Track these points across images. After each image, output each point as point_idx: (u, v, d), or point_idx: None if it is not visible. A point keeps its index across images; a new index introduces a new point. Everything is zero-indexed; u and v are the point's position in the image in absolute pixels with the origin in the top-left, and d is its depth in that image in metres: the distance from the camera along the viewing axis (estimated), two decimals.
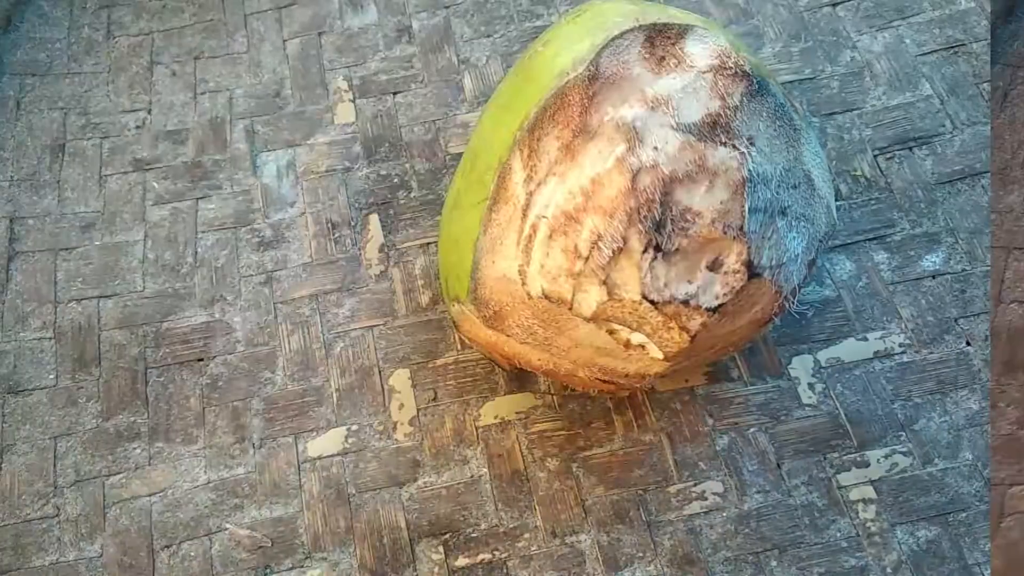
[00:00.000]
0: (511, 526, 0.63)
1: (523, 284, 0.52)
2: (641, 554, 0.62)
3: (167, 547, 0.64)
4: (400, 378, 0.68)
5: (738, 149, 0.51)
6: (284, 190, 0.74)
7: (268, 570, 0.63)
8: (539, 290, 0.52)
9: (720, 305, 0.51)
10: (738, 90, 0.52)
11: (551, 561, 0.62)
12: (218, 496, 0.65)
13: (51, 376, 0.70)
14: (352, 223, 0.72)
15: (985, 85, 0.78)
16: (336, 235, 0.72)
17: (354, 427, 0.67)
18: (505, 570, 0.62)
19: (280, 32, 0.83)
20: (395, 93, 0.79)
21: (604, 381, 0.57)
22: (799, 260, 0.53)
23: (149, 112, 0.80)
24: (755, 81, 0.52)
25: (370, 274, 0.71)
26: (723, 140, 0.51)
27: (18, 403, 0.69)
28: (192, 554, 0.64)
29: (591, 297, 0.51)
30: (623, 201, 0.50)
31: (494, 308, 0.55)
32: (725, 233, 0.50)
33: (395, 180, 0.74)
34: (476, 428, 0.67)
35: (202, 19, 0.85)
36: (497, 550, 0.63)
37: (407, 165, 0.75)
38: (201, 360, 0.70)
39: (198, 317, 0.71)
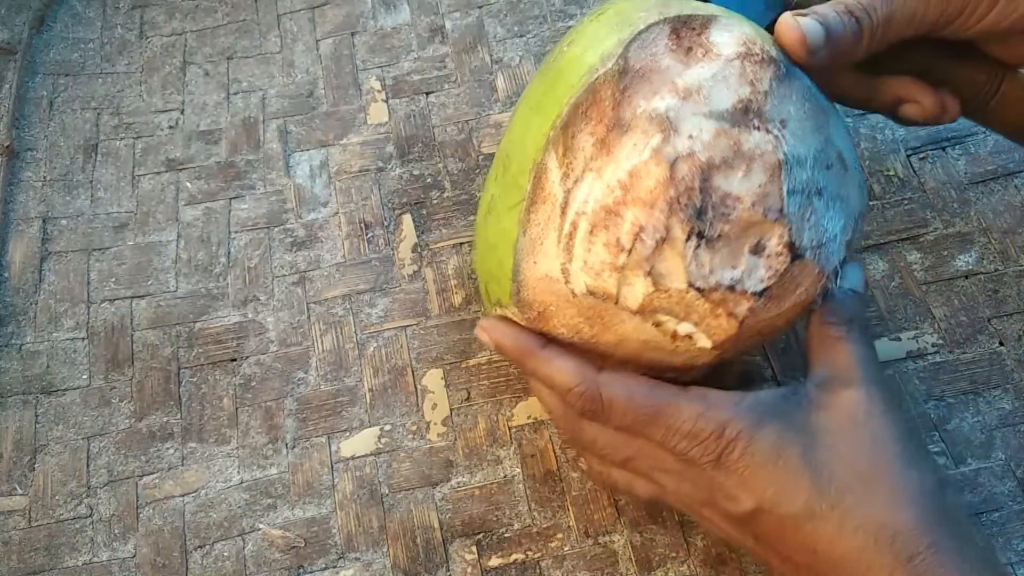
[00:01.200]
0: (544, 526, 0.63)
1: (566, 282, 0.51)
2: (674, 554, 0.62)
3: (200, 547, 0.63)
4: (433, 378, 0.68)
5: (771, 133, 0.50)
6: (317, 190, 0.74)
7: (301, 570, 0.62)
8: (583, 287, 0.50)
9: (765, 289, 0.50)
10: (767, 75, 0.51)
11: (584, 561, 0.62)
12: (251, 496, 0.65)
13: (84, 376, 0.70)
14: (385, 223, 0.72)
15: None
16: (369, 235, 0.72)
17: (387, 427, 0.66)
18: (538, 570, 0.62)
19: (313, 32, 0.83)
20: (428, 93, 0.79)
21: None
22: (838, 240, 0.52)
23: (182, 112, 0.80)
24: (782, 65, 0.51)
25: (403, 274, 0.70)
26: (756, 125, 0.50)
27: (51, 403, 0.69)
28: (225, 554, 0.63)
29: (637, 290, 0.49)
30: (662, 191, 0.49)
31: (538, 309, 0.53)
32: (766, 216, 0.49)
33: (428, 180, 0.74)
34: (509, 428, 0.66)
35: (235, 19, 0.85)
36: (530, 550, 0.62)
37: (440, 165, 0.74)
38: (234, 360, 0.69)
39: (231, 317, 0.71)
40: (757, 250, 0.50)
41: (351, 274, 0.73)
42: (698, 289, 0.50)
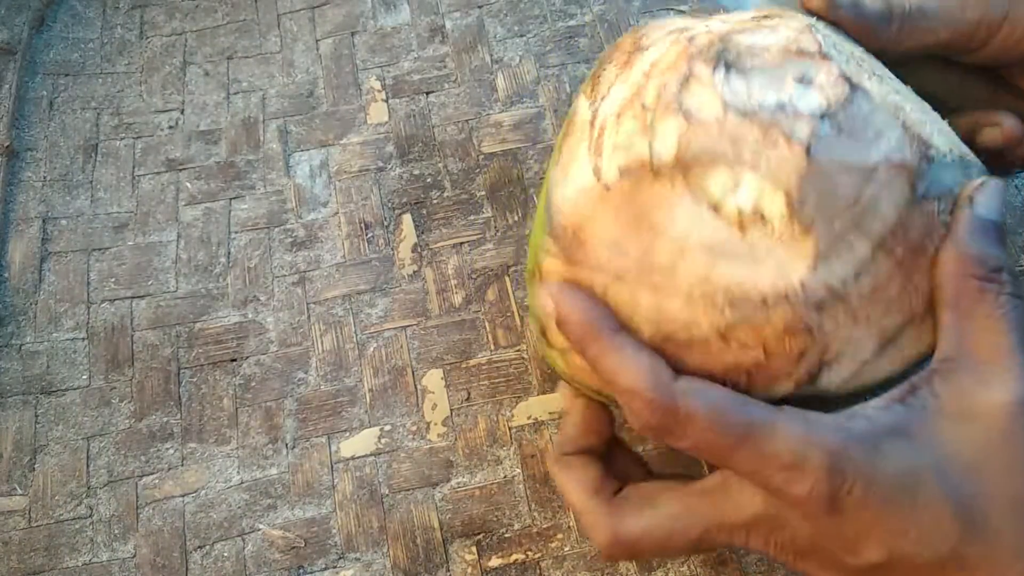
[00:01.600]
0: (544, 526, 0.63)
1: (599, 180, 0.43)
2: None
3: (200, 547, 0.63)
4: (433, 378, 0.68)
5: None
6: (317, 190, 0.74)
7: (301, 570, 0.62)
8: (615, 172, 0.43)
9: (828, 113, 0.41)
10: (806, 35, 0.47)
11: (584, 561, 0.61)
12: (251, 496, 0.65)
13: (84, 377, 0.70)
14: (385, 223, 0.72)
15: None
16: (369, 235, 0.72)
17: (387, 427, 0.66)
18: (538, 570, 0.62)
19: (313, 32, 0.83)
20: (428, 93, 0.79)
21: (741, 346, 0.42)
22: (927, 126, 0.43)
23: (182, 112, 0.79)
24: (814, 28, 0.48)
25: (403, 274, 0.70)
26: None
27: (51, 404, 0.69)
28: (225, 554, 0.63)
29: (669, 134, 0.42)
30: (683, 54, 0.46)
31: (573, 230, 0.44)
32: (802, 53, 0.42)
33: (428, 180, 0.74)
34: (509, 428, 0.66)
35: (235, 19, 0.84)
36: (530, 550, 0.62)
37: (440, 165, 0.74)
38: (234, 360, 0.69)
39: (231, 317, 0.70)
40: (804, 80, 0.42)
41: (351, 274, 0.73)
42: (739, 111, 0.41)
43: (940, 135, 0.44)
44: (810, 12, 0.47)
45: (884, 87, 0.44)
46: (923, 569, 0.37)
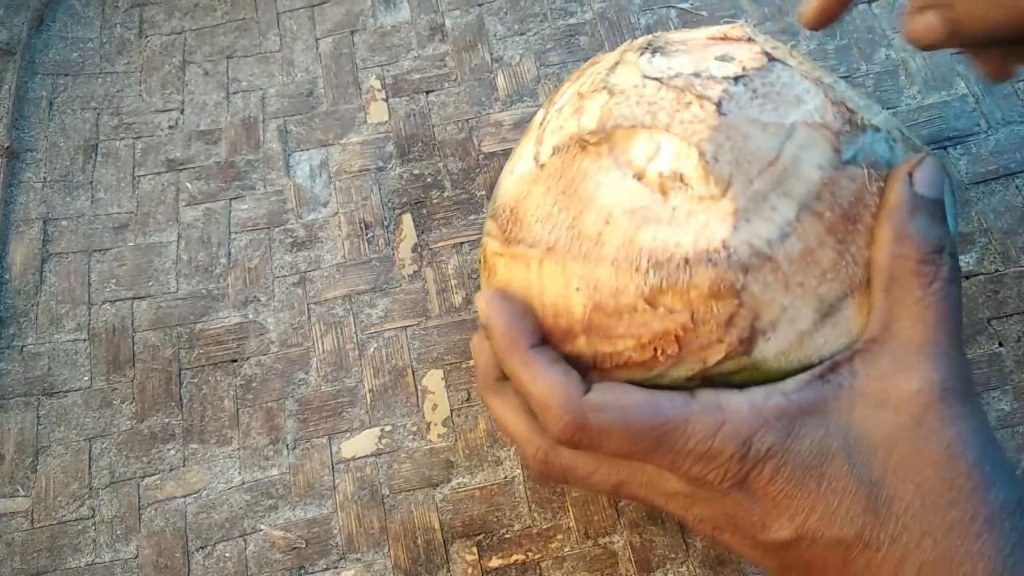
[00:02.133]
0: (544, 527, 0.63)
1: (537, 162, 0.45)
2: (674, 555, 0.62)
3: (202, 548, 0.64)
4: (434, 379, 0.68)
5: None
6: (317, 190, 0.74)
7: (302, 571, 0.63)
8: (549, 150, 0.45)
9: (741, 76, 0.42)
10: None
11: (584, 562, 0.62)
12: (252, 497, 0.65)
13: (85, 378, 0.70)
14: (385, 223, 0.72)
15: (1020, 84, 0.77)
16: (369, 235, 0.72)
17: (388, 428, 0.67)
18: (538, 571, 0.62)
19: (313, 31, 0.83)
20: (428, 92, 0.79)
21: (668, 312, 0.42)
22: (856, 101, 0.44)
23: (182, 112, 0.79)
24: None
25: (403, 274, 0.70)
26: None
27: (52, 405, 0.69)
28: (227, 555, 0.64)
29: (593, 107, 0.44)
30: (621, 50, 0.47)
31: (510, 208, 0.46)
32: (728, 39, 0.44)
33: (428, 179, 0.74)
34: None
35: (234, 18, 0.84)
36: (530, 551, 0.63)
37: (440, 164, 0.74)
38: (235, 361, 0.70)
39: (232, 318, 0.71)
40: (724, 58, 0.44)
41: (351, 274, 0.73)
42: (655, 79, 0.43)
43: (878, 117, 0.44)
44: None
45: (820, 74, 0.45)
46: (830, 548, 0.37)
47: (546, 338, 0.45)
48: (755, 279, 0.40)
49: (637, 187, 0.42)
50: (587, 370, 0.44)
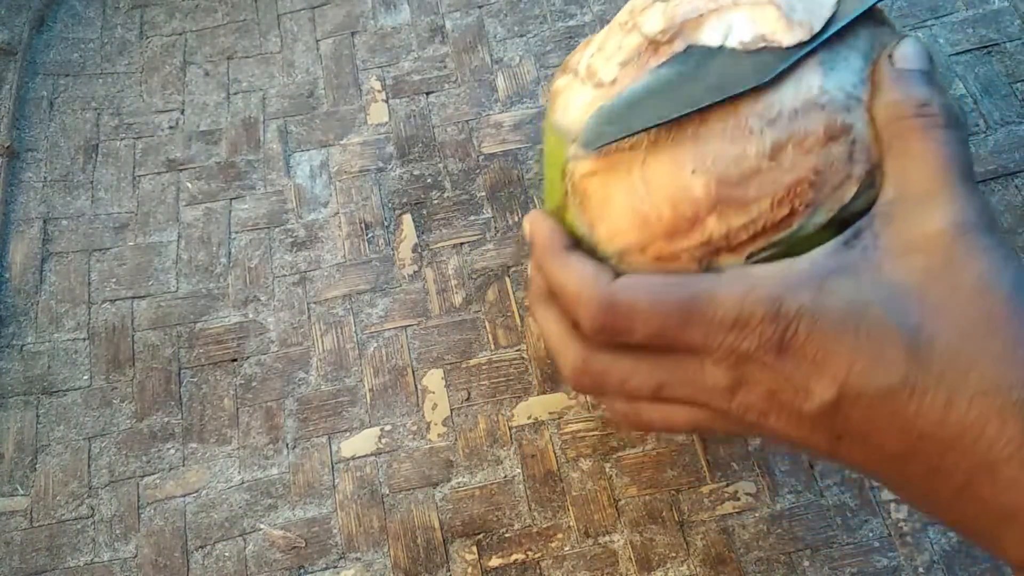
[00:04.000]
0: (544, 526, 0.63)
1: (602, 84, 0.47)
2: (674, 554, 0.62)
3: (201, 547, 0.64)
4: (434, 378, 0.68)
5: None
6: (317, 190, 0.74)
7: (302, 570, 0.62)
8: (616, 69, 0.46)
9: None
10: None
11: (584, 561, 0.62)
12: (252, 496, 0.65)
13: (85, 377, 0.70)
14: (385, 223, 0.72)
15: (1019, 85, 0.77)
16: (369, 235, 0.72)
17: (387, 427, 0.67)
18: (538, 570, 0.62)
19: (313, 32, 0.83)
20: (428, 93, 0.79)
21: (792, 164, 0.43)
22: None
23: (182, 112, 0.79)
24: None
25: (403, 274, 0.70)
26: None
27: (52, 404, 0.69)
28: (226, 554, 0.63)
29: (654, 14, 0.46)
30: None
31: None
32: None
33: (428, 180, 0.74)
34: (509, 428, 0.66)
35: (235, 19, 0.85)
36: (530, 550, 0.63)
37: (440, 165, 0.74)
38: (235, 360, 0.70)
39: (232, 317, 0.71)
40: None
41: (351, 274, 0.73)
42: None
43: None
44: None
45: None
46: (876, 401, 0.37)
47: (663, 237, 0.44)
48: (856, 118, 0.42)
49: None
50: (717, 253, 0.44)
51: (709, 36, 0.44)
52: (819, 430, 0.40)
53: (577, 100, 0.48)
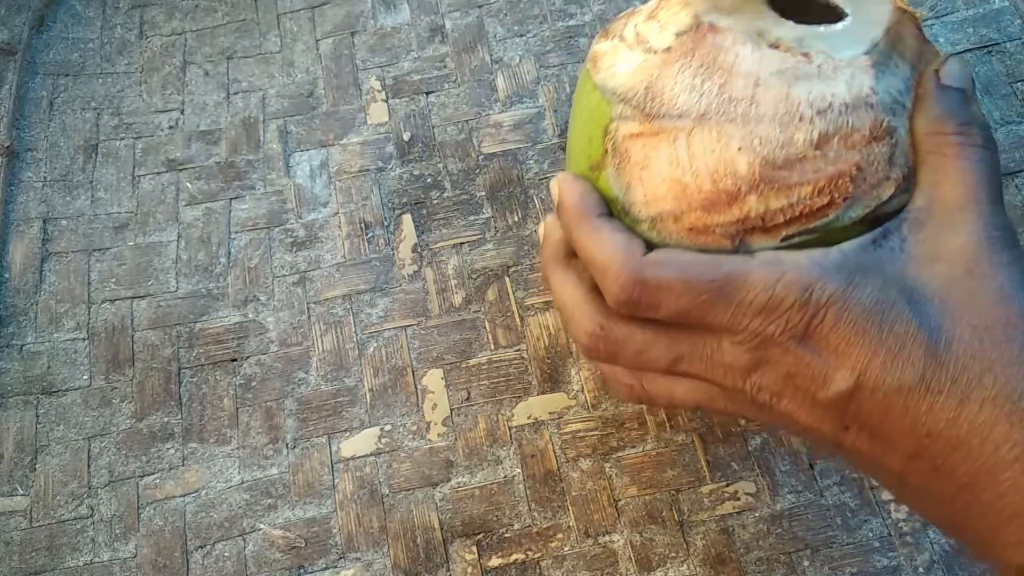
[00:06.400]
0: (544, 526, 0.63)
1: (654, 51, 0.48)
2: (674, 554, 0.62)
3: (201, 547, 0.64)
4: (433, 378, 0.68)
5: None
6: (317, 190, 0.74)
7: (302, 570, 0.62)
8: (671, 38, 0.47)
9: None
10: None
11: (584, 561, 0.62)
12: (252, 496, 0.65)
13: (85, 377, 0.70)
14: (385, 223, 0.72)
15: (1019, 84, 0.77)
16: (369, 235, 0.72)
17: (387, 427, 0.67)
18: (538, 570, 0.62)
19: (313, 32, 0.83)
20: (428, 93, 0.79)
21: (836, 156, 0.45)
22: None
23: (182, 112, 0.79)
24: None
25: (403, 274, 0.70)
26: None
27: (52, 404, 0.69)
28: (226, 554, 0.63)
29: None
30: None
31: (644, 86, 0.48)
32: None
33: (428, 180, 0.74)
34: (509, 428, 0.66)
35: (235, 19, 0.85)
36: (530, 550, 0.63)
37: (440, 165, 0.74)
38: (234, 360, 0.69)
39: (231, 317, 0.71)
40: None
41: (351, 274, 0.73)
42: None
43: None
44: None
45: None
46: (891, 395, 0.38)
47: (700, 209, 0.45)
48: (899, 123, 0.43)
49: (777, 53, 0.44)
50: (751, 232, 0.44)
51: (766, 29, 0.46)
52: (829, 418, 0.41)
53: (625, 63, 0.49)
